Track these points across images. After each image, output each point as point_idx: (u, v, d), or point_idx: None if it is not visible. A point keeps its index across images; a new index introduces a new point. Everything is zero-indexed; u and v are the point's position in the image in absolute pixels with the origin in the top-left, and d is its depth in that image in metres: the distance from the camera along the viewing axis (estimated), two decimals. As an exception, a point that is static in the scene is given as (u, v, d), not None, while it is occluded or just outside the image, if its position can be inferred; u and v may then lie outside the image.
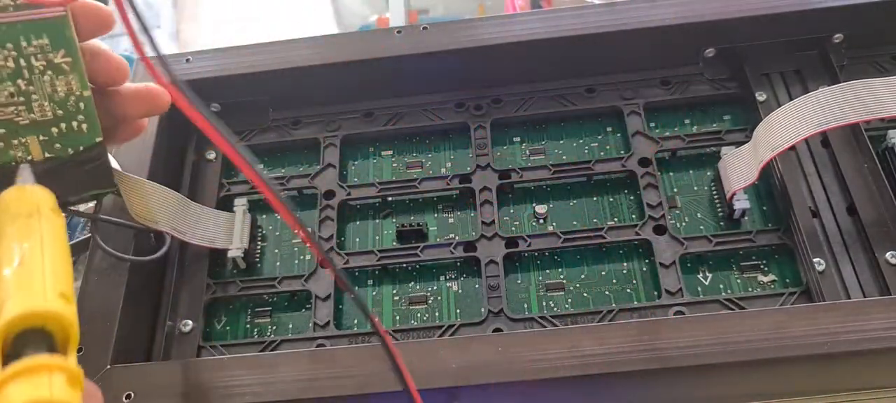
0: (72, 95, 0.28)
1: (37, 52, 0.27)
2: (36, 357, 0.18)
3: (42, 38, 0.27)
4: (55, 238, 0.22)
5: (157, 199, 0.33)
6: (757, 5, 0.37)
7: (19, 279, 0.20)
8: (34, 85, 0.27)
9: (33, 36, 0.26)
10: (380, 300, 0.36)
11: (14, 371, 0.18)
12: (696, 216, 0.36)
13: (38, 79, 0.27)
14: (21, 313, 0.19)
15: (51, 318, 0.19)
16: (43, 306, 0.19)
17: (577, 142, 0.40)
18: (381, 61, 0.39)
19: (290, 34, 0.40)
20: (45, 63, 0.27)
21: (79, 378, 0.19)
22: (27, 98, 0.28)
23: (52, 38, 0.27)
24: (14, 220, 0.22)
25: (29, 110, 0.28)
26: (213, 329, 0.36)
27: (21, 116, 0.28)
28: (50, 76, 0.27)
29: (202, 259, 0.36)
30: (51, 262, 0.21)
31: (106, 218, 0.33)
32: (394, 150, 0.41)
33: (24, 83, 0.27)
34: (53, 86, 0.28)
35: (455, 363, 0.29)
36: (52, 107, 0.28)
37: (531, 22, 0.39)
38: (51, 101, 0.28)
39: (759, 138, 0.34)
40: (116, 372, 0.30)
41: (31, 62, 0.27)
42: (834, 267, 0.32)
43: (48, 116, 0.28)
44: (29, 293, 0.19)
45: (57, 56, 0.27)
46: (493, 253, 0.35)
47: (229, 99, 0.40)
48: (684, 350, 0.28)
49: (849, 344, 0.27)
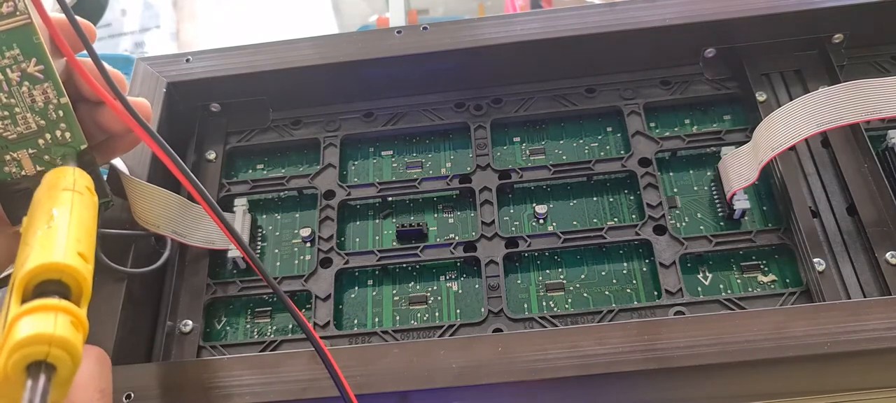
0: (50, 104, 0.28)
1: (11, 64, 0.27)
2: (47, 300, 0.21)
3: (13, 49, 0.27)
4: (83, 209, 0.25)
5: (160, 203, 0.33)
6: (757, 5, 0.37)
7: (46, 237, 0.23)
8: (14, 97, 0.27)
9: (5, 47, 0.26)
10: (380, 300, 0.36)
11: (27, 308, 0.20)
12: (696, 216, 0.36)
13: (16, 91, 0.27)
14: (41, 264, 0.21)
15: (67, 272, 0.22)
16: (61, 260, 0.22)
17: (577, 142, 0.40)
18: (381, 61, 0.39)
19: (290, 34, 0.40)
20: (20, 74, 0.27)
21: (84, 324, 0.21)
22: (10, 112, 0.28)
23: (22, 47, 0.27)
24: (51, 191, 0.25)
25: (14, 123, 0.28)
26: (213, 329, 0.36)
27: (9, 131, 0.28)
28: (27, 86, 0.27)
29: (202, 259, 0.36)
30: (76, 228, 0.23)
31: (108, 232, 0.33)
32: (394, 150, 0.41)
33: (4, 96, 0.27)
34: (32, 97, 0.28)
35: (455, 363, 0.29)
36: (35, 119, 0.28)
37: (531, 22, 0.39)
38: (32, 112, 0.28)
39: (759, 138, 0.34)
40: (117, 372, 0.30)
41: (8, 74, 0.27)
42: (834, 267, 0.32)
43: (33, 128, 0.28)
44: (51, 249, 0.22)
45: (29, 65, 0.27)
46: (493, 253, 0.35)
47: (229, 99, 0.40)
48: (684, 350, 0.28)
49: (849, 344, 0.27)
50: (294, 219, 0.39)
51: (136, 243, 0.34)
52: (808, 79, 0.38)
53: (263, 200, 0.40)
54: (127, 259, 0.33)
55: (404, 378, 0.28)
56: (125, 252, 0.33)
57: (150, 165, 0.36)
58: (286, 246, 0.38)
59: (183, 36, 0.75)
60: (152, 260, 0.35)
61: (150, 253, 0.35)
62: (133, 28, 0.74)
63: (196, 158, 0.40)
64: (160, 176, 0.36)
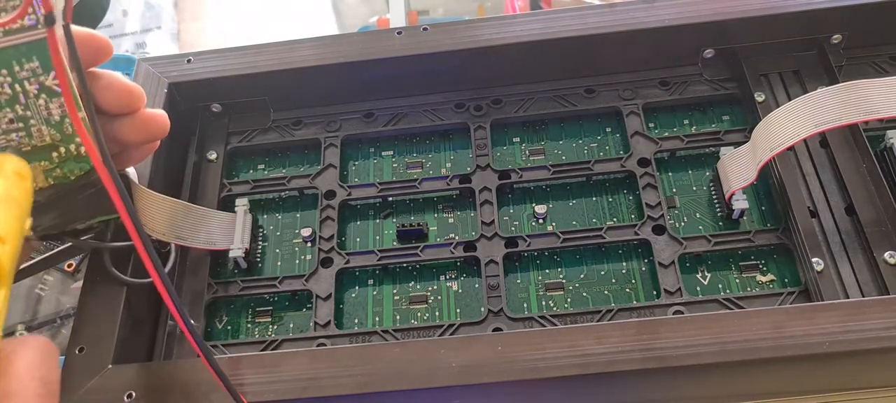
0: (67, 117, 0.28)
1: (29, 76, 0.27)
2: None
3: (33, 62, 0.26)
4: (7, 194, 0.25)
5: (166, 212, 0.33)
6: (756, 6, 0.37)
7: None
8: (30, 109, 0.27)
9: (25, 60, 0.26)
10: (380, 299, 0.36)
11: None
12: (695, 216, 0.36)
13: (33, 103, 0.27)
14: None
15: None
16: None
17: (577, 142, 0.40)
18: (381, 62, 0.39)
19: (290, 34, 0.41)
20: (38, 86, 0.27)
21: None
22: (25, 123, 0.28)
23: (42, 60, 0.27)
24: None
25: (29, 136, 0.28)
26: (214, 328, 0.36)
27: (23, 143, 0.28)
28: (44, 99, 0.27)
29: (203, 259, 0.37)
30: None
31: (115, 245, 0.33)
32: (394, 150, 0.41)
33: (21, 108, 0.27)
34: (48, 110, 0.28)
35: (455, 362, 0.29)
36: (50, 132, 0.28)
37: (531, 22, 0.39)
38: (47, 125, 0.28)
39: (758, 138, 0.34)
40: (118, 372, 0.30)
41: (25, 86, 0.27)
42: (832, 266, 0.32)
43: (47, 141, 0.28)
44: None
45: (48, 78, 0.27)
46: (493, 252, 0.35)
47: (231, 99, 0.40)
48: (683, 349, 0.28)
49: (847, 344, 0.27)
50: (295, 219, 0.39)
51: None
52: (807, 79, 0.38)
53: (264, 200, 0.40)
54: (128, 264, 0.33)
55: (404, 377, 0.29)
56: (126, 257, 0.33)
57: (151, 166, 0.36)
58: (287, 245, 0.38)
59: (184, 36, 0.75)
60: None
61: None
62: (134, 29, 0.75)
63: (197, 158, 0.40)
64: (161, 177, 0.36)
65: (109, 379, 0.30)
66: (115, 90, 0.29)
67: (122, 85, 0.29)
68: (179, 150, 0.39)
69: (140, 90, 0.30)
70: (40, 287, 0.50)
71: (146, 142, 0.32)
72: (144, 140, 0.31)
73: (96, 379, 0.30)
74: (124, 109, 0.30)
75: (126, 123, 0.30)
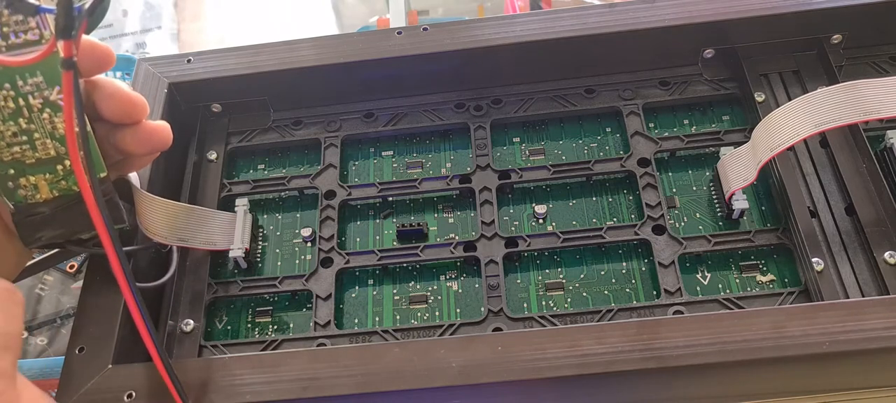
0: None
1: (33, 90, 0.27)
2: None
3: (36, 76, 0.27)
4: None
5: (168, 215, 0.33)
6: (756, 6, 0.37)
7: None
8: (35, 123, 0.28)
9: (28, 74, 0.27)
10: (380, 299, 0.36)
11: None
12: (695, 216, 0.36)
13: (37, 117, 0.27)
14: None
15: None
16: None
17: (577, 142, 0.40)
18: (381, 62, 0.39)
19: (290, 34, 0.40)
20: (42, 100, 0.27)
21: None
22: (29, 136, 0.28)
23: (45, 75, 0.27)
24: None
25: (33, 149, 0.28)
26: (214, 328, 0.36)
27: (27, 156, 0.28)
28: (48, 113, 0.27)
29: (203, 259, 0.37)
30: None
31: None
32: (394, 150, 0.41)
33: (24, 122, 0.27)
34: (53, 123, 0.28)
35: (455, 362, 0.29)
36: (54, 145, 0.28)
37: (531, 22, 0.39)
38: (52, 139, 0.28)
39: (758, 138, 0.34)
40: (118, 372, 0.30)
41: (29, 101, 0.27)
42: (832, 266, 0.32)
43: (51, 154, 0.28)
44: None
45: (52, 93, 0.27)
46: (492, 252, 0.35)
47: (231, 99, 0.40)
48: (683, 349, 0.28)
49: (847, 344, 0.27)
50: (295, 219, 0.39)
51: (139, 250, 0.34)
52: (807, 79, 0.38)
53: (264, 200, 0.40)
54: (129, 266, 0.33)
55: (404, 377, 0.29)
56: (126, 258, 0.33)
57: (151, 167, 0.36)
58: (287, 245, 0.38)
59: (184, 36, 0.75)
60: (154, 264, 0.35)
61: (152, 258, 0.35)
62: (134, 29, 0.75)
63: (198, 158, 0.40)
64: (161, 177, 0.36)
65: (109, 379, 0.30)
66: (118, 100, 0.29)
67: (124, 95, 0.29)
68: (179, 150, 0.39)
69: (142, 100, 0.30)
70: (40, 287, 0.50)
71: (149, 154, 0.32)
72: (147, 152, 0.31)
73: (96, 379, 0.30)
74: (126, 119, 0.29)
75: (129, 135, 0.30)
